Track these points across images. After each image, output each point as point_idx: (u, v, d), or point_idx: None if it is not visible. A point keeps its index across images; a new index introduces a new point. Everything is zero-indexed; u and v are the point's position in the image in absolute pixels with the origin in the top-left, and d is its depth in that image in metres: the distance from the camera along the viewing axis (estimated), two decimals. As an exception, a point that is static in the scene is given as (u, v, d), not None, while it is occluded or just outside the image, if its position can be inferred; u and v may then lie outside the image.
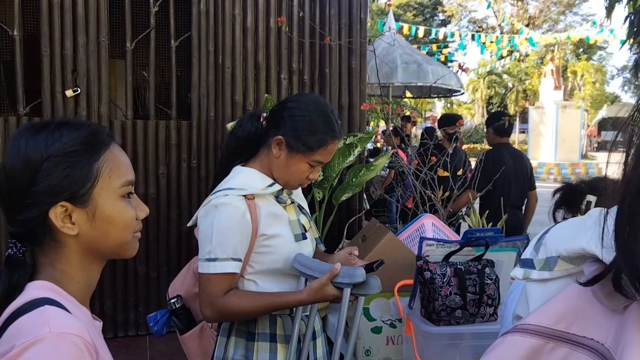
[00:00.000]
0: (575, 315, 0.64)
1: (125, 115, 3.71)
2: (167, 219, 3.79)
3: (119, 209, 0.97)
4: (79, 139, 0.94)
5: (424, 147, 3.89)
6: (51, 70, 3.46)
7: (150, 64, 3.73)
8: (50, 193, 0.91)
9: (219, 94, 3.82)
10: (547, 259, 0.72)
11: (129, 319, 3.77)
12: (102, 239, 0.96)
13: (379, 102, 4.72)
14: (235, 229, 1.55)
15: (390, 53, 6.73)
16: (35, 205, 0.92)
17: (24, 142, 0.93)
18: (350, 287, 1.53)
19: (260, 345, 1.63)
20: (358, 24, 4.06)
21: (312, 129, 1.59)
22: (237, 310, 1.56)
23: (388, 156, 3.46)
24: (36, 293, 0.89)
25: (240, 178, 1.64)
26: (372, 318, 2.12)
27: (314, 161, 1.62)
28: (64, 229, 0.93)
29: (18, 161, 0.92)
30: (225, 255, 1.54)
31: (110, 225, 0.96)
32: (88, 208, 0.94)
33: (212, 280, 1.55)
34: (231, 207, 1.55)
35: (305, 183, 1.68)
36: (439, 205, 3.31)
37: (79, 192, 0.93)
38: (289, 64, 3.94)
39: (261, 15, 3.86)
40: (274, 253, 1.61)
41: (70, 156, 0.93)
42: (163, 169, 3.76)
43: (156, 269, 3.79)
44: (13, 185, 0.92)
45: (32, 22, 3.65)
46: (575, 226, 0.73)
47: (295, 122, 1.60)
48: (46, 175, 0.91)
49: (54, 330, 0.81)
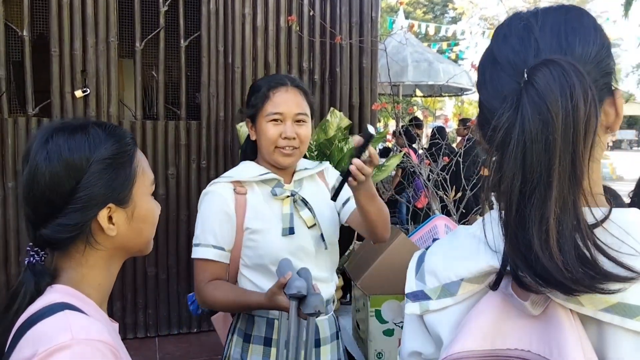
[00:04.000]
0: (495, 330, 0.65)
1: (135, 116, 3.70)
2: (176, 219, 3.78)
3: (152, 206, 1.01)
4: (119, 141, 0.95)
5: (436, 147, 3.85)
6: (60, 70, 3.46)
7: (160, 64, 3.71)
8: (99, 197, 0.91)
9: (228, 94, 3.80)
10: (445, 285, 0.72)
11: (138, 320, 3.76)
12: (135, 237, 0.98)
13: (390, 101, 4.68)
14: (215, 216, 1.59)
15: (400, 51, 6.68)
16: (82, 210, 0.90)
17: (64, 145, 0.90)
18: (295, 300, 1.40)
19: (254, 347, 1.62)
20: (369, 23, 4.02)
21: (255, 90, 1.65)
22: (212, 301, 1.60)
23: (399, 157, 3.41)
24: (55, 297, 0.88)
25: (235, 168, 1.70)
26: (384, 320, 2.10)
27: (269, 114, 1.61)
28: (108, 230, 0.93)
29: (60, 166, 0.89)
30: (206, 241, 1.59)
31: (144, 223, 0.99)
32: (128, 208, 0.95)
33: (197, 266, 1.62)
34: (214, 195, 1.61)
35: (285, 144, 1.61)
36: (451, 207, 3.27)
37: (123, 192, 0.94)
38: (299, 63, 3.91)
39: (271, 14, 3.83)
40: (259, 248, 1.60)
41: (116, 159, 0.93)
42: (172, 169, 3.75)
43: (165, 271, 3.78)
44: (55, 191, 0.89)
45: (41, 22, 3.65)
46: (459, 247, 0.73)
47: (248, 98, 1.69)
48: (94, 179, 0.91)
49: (76, 336, 0.79)
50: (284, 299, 1.41)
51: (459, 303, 0.70)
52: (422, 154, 4.22)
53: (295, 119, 1.62)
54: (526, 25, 0.68)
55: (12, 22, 3.42)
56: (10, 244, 3.44)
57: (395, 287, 2.09)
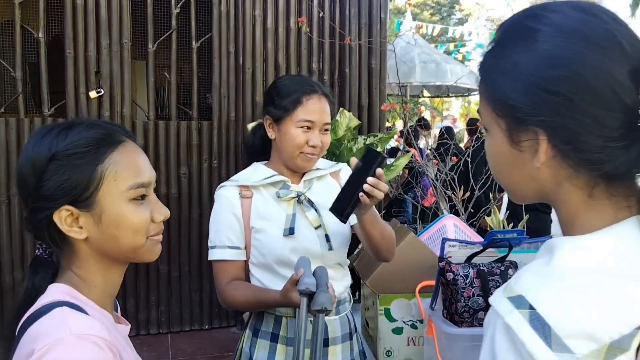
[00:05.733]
0: None
1: (147, 116, 3.75)
2: (188, 219, 3.83)
3: (127, 212, 0.92)
4: (84, 140, 0.90)
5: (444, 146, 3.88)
6: (75, 71, 3.51)
7: (172, 65, 3.76)
8: (52, 196, 0.88)
9: (239, 95, 3.84)
10: (613, 343, 0.57)
11: (151, 317, 3.81)
12: (112, 243, 0.92)
13: (398, 102, 4.71)
14: (225, 217, 1.63)
15: (408, 52, 6.71)
16: (40, 209, 0.89)
17: (32, 144, 0.91)
18: (305, 297, 1.40)
19: (261, 342, 1.64)
20: (378, 24, 4.05)
21: (285, 92, 1.63)
22: (232, 301, 1.63)
23: (409, 156, 3.45)
24: (54, 297, 0.88)
25: (243, 172, 1.72)
26: (393, 319, 2.11)
27: (300, 121, 1.61)
28: (70, 233, 0.90)
29: (26, 163, 0.90)
30: (221, 242, 1.64)
31: (118, 229, 0.91)
32: (94, 212, 0.90)
33: (215, 268, 1.65)
34: (223, 197, 1.65)
35: (310, 152, 1.64)
36: (460, 206, 3.30)
37: (82, 195, 0.89)
38: (309, 64, 3.95)
39: (281, 16, 3.87)
40: (262, 247, 1.63)
41: (72, 158, 0.89)
42: (184, 169, 3.80)
43: (178, 269, 3.83)
44: (23, 188, 0.91)
45: (56, 25, 3.71)
46: (605, 291, 0.59)
47: (270, 96, 1.67)
48: (49, 177, 0.88)
49: (74, 331, 0.80)
50: (296, 295, 1.42)
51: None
52: (430, 153, 4.25)
53: (322, 128, 1.65)
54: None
55: (28, 24, 3.48)
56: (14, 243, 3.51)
57: (404, 286, 2.10)
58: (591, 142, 0.61)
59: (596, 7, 0.64)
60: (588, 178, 0.64)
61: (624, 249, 0.60)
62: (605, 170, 0.62)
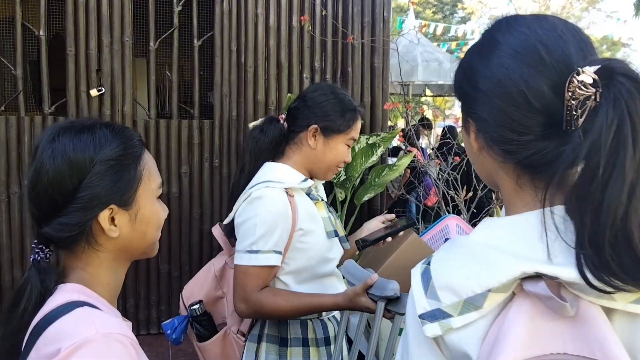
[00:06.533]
0: (531, 338, 0.63)
1: (148, 115, 3.74)
2: (189, 218, 3.81)
3: (156, 209, 0.99)
4: (125, 142, 0.94)
5: (447, 146, 3.86)
6: (76, 69, 3.50)
7: (173, 64, 3.74)
8: (101, 197, 0.91)
9: (241, 93, 3.83)
10: (468, 299, 0.66)
11: (151, 317, 3.80)
12: (139, 240, 0.97)
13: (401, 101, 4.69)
14: (279, 221, 1.54)
15: (410, 51, 6.69)
16: (83, 210, 0.90)
17: (69, 144, 0.90)
18: (384, 301, 1.44)
19: (294, 350, 1.63)
20: (381, 23, 4.03)
21: (342, 109, 1.66)
22: (271, 308, 1.54)
23: (411, 156, 3.43)
24: (68, 296, 0.88)
25: (276, 172, 1.63)
26: (395, 320, 2.10)
27: (350, 139, 1.68)
28: (109, 232, 0.92)
29: (64, 164, 0.89)
30: (267, 247, 1.53)
31: (148, 225, 0.98)
32: (131, 210, 0.95)
33: (251, 273, 1.53)
34: (274, 199, 1.55)
35: (341, 167, 1.72)
36: (462, 206, 3.28)
37: (127, 194, 0.94)
38: (311, 63, 3.94)
39: (284, 14, 3.85)
40: (309, 250, 1.60)
41: (120, 160, 0.93)
42: (185, 168, 3.78)
43: (178, 268, 3.82)
44: (58, 189, 0.89)
45: (57, 22, 3.69)
46: (476, 258, 0.68)
47: (323, 108, 1.65)
48: (96, 179, 0.90)
49: (100, 330, 0.80)
50: (366, 299, 1.47)
51: (484, 316, 0.66)
52: (433, 153, 4.23)
53: None
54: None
55: (29, 22, 3.47)
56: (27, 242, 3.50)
57: (406, 287, 2.08)
58: (507, 136, 0.70)
59: (541, 18, 0.73)
60: (514, 168, 0.72)
61: (521, 232, 0.69)
62: (519, 161, 0.71)
